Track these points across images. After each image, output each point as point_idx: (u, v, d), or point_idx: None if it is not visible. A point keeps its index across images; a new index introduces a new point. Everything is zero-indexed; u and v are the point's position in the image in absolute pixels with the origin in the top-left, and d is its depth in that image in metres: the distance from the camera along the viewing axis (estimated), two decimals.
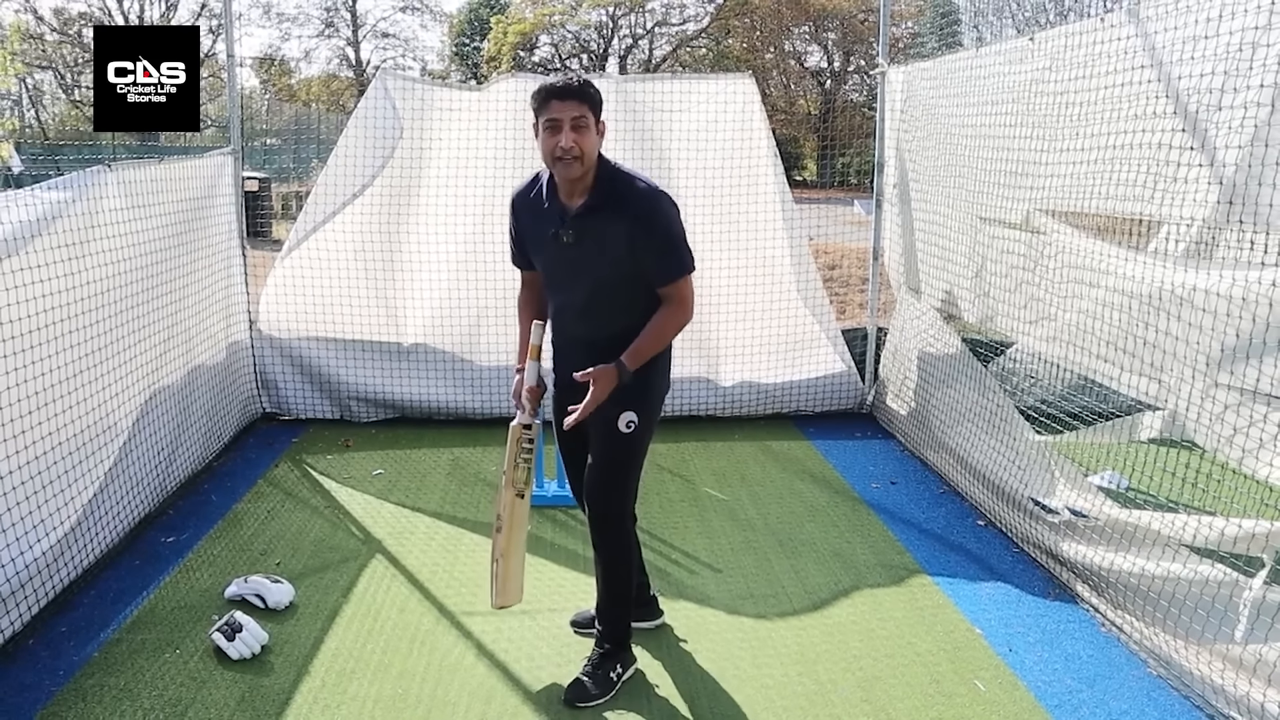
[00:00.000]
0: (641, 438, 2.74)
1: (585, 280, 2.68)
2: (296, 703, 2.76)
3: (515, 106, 5.23)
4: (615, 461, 2.75)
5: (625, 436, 2.70)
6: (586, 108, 2.56)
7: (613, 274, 2.64)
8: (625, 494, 2.80)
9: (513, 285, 5.44)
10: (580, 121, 2.54)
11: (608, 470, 2.76)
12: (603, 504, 2.79)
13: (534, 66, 34.83)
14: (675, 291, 2.64)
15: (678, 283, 2.63)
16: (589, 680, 2.82)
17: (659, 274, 2.63)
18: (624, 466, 2.77)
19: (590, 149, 2.57)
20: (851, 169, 13.09)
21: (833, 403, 5.74)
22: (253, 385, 5.40)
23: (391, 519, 4.14)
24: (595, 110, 2.60)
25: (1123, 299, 3.12)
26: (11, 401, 2.98)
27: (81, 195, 3.44)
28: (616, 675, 2.85)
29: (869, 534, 4.05)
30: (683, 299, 2.65)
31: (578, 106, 2.55)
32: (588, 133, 2.56)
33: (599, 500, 2.79)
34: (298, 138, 10.14)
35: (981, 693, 2.86)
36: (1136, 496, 3.90)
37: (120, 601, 3.34)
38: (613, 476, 2.76)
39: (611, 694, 2.82)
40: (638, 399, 2.68)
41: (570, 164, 2.56)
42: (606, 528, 2.81)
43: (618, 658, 2.88)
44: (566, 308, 2.79)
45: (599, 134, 2.62)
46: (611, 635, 2.88)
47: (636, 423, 2.70)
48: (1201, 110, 2.75)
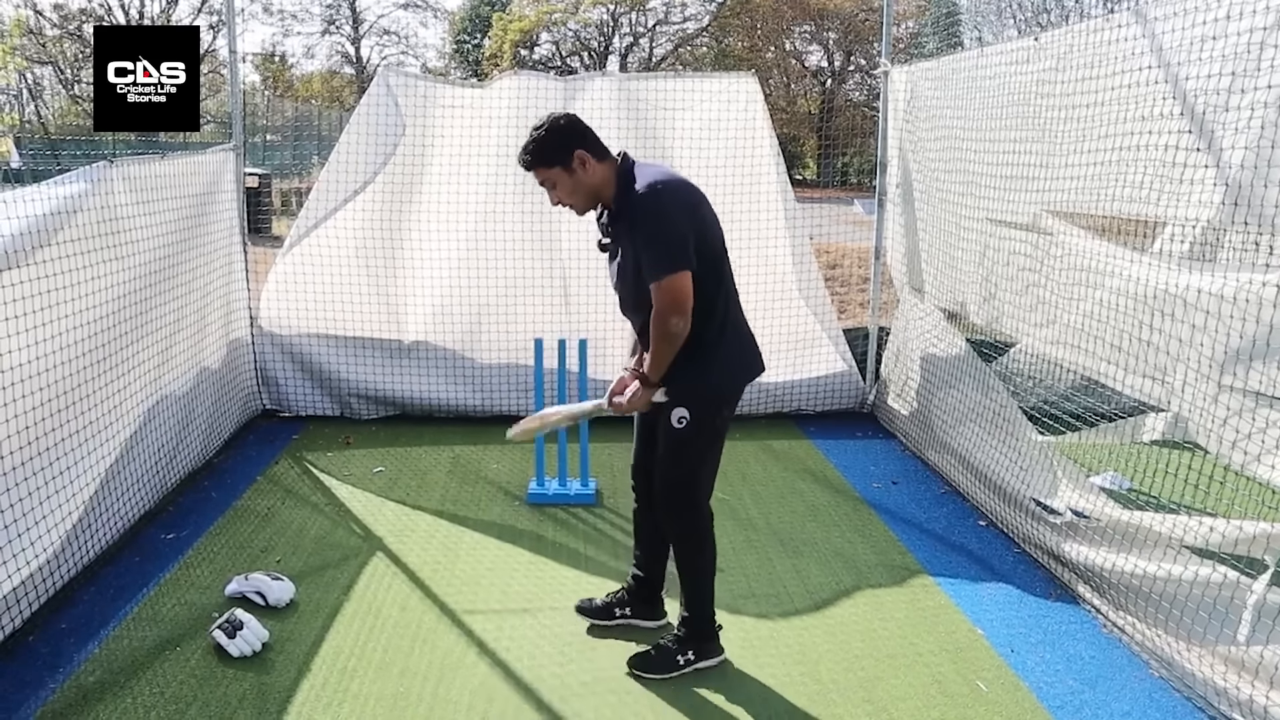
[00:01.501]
0: (696, 435, 2.78)
1: (624, 280, 2.79)
2: (298, 701, 2.76)
3: (518, 104, 5.22)
4: (671, 454, 2.82)
5: (678, 431, 2.76)
6: (544, 169, 2.74)
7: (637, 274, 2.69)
8: (687, 486, 2.85)
9: (512, 283, 5.47)
10: (548, 183, 2.76)
11: (665, 462, 2.84)
12: (664, 493, 2.87)
13: (535, 64, 34.85)
14: (656, 292, 2.62)
15: (657, 283, 2.61)
16: (656, 654, 2.91)
17: (646, 272, 2.65)
18: (679, 459, 2.82)
19: (573, 195, 2.76)
20: (852, 168, 13.08)
21: (834, 402, 5.74)
22: (253, 382, 5.39)
23: (392, 516, 4.13)
24: (556, 163, 2.71)
25: (1129, 301, 3.11)
26: (20, 396, 2.98)
27: (94, 190, 3.45)
28: (686, 660, 2.90)
29: (870, 534, 4.05)
30: (662, 301, 2.61)
31: (539, 173, 2.76)
32: (559, 187, 2.74)
33: (660, 489, 2.88)
34: (298, 134, 10.13)
35: (983, 693, 2.85)
36: (1138, 498, 3.90)
37: (121, 599, 3.34)
38: (670, 469, 2.84)
39: (672, 675, 2.87)
40: (686, 397, 2.75)
41: (573, 209, 2.81)
42: (671, 517, 2.89)
43: (693, 645, 2.92)
44: (623, 304, 2.90)
45: (581, 165, 2.70)
46: (688, 620, 2.94)
47: (688, 418, 2.75)
48: (1209, 111, 2.74)
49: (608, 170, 2.73)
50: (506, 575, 3.59)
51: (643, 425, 3.04)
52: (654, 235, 2.60)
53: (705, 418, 2.77)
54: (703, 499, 2.89)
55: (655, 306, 2.62)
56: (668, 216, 2.62)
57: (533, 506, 4.28)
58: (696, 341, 2.68)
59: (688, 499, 2.85)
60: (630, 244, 2.68)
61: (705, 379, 2.75)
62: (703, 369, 2.73)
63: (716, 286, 2.72)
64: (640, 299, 2.72)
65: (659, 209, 2.61)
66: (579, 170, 2.69)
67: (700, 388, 2.75)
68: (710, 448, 2.84)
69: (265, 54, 37.88)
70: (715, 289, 2.71)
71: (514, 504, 4.32)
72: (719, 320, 2.74)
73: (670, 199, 2.64)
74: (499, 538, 3.94)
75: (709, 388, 2.77)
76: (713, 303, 2.71)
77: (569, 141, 2.69)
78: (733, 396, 2.86)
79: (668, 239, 2.60)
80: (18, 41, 20.78)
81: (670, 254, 2.59)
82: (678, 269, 2.60)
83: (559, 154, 2.68)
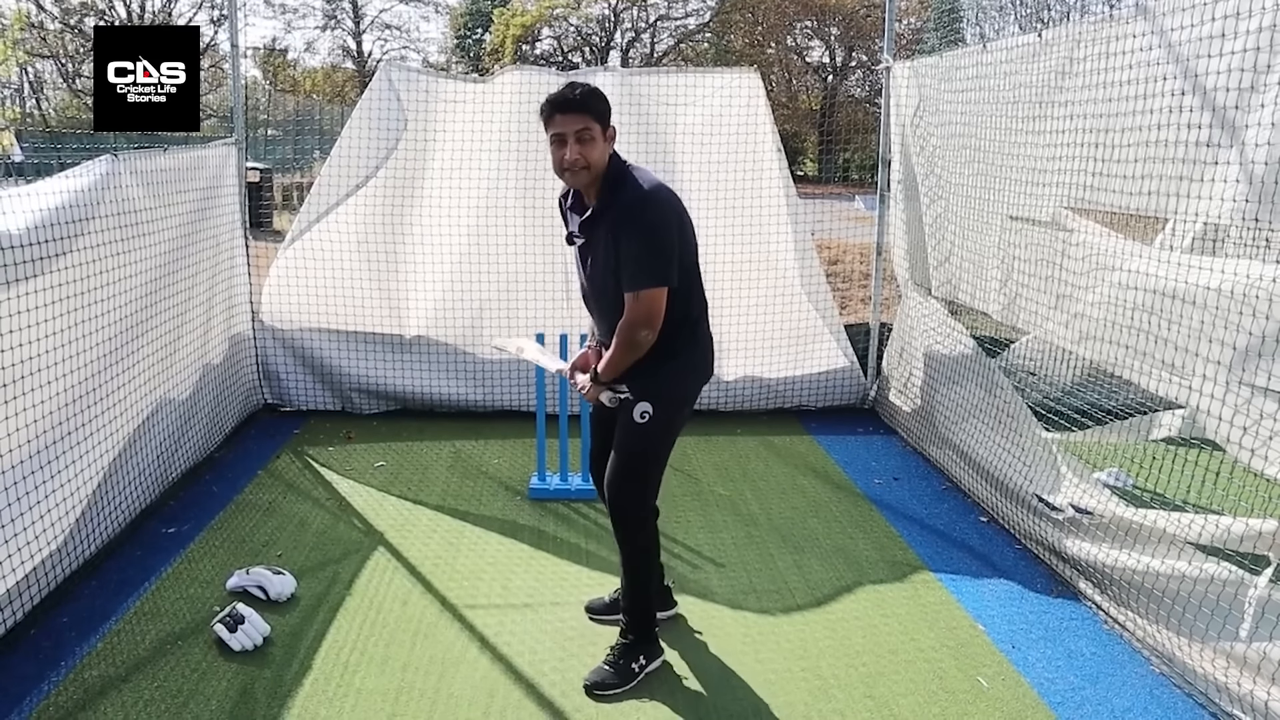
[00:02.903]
0: (656, 432, 2.77)
1: (596, 279, 2.74)
2: (299, 695, 2.76)
3: (520, 98, 5.21)
4: (631, 452, 2.80)
5: (640, 428, 2.74)
6: (590, 118, 2.59)
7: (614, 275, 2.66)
8: (641, 486, 2.84)
9: (514, 278, 5.47)
10: (585, 134, 2.59)
11: (623, 461, 2.81)
12: (618, 494, 2.83)
13: (536, 59, 34.80)
14: (632, 301, 2.59)
15: (636, 294, 2.58)
16: (610, 669, 2.85)
17: (622, 280, 2.62)
18: (638, 458, 2.80)
19: (597, 158, 2.61)
20: (853, 165, 13.06)
21: (835, 398, 5.74)
22: (254, 376, 5.39)
23: (393, 511, 4.13)
24: (601, 119, 2.62)
25: (1149, 296, 3.07)
26: (31, 389, 2.98)
27: (108, 185, 3.48)
28: (639, 666, 2.87)
29: (872, 530, 4.05)
30: (636, 312, 2.58)
31: (581, 119, 2.58)
32: (593, 144, 2.60)
33: (615, 490, 2.83)
34: (299, 129, 10.12)
35: (984, 689, 2.85)
36: (1141, 494, 3.90)
37: (122, 593, 3.34)
38: (627, 467, 2.81)
39: (631, 685, 2.84)
40: (652, 393, 2.73)
41: (577, 174, 2.63)
42: (622, 518, 2.85)
43: (640, 649, 2.90)
44: (589, 301, 2.88)
45: (608, 140, 2.64)
46: (633, 626, 2.91)
47: (651, 414, 2.73)
48: (1226, 106, 2.70)
49: (610, 157, 2.70)
50: (507, 570, 3.60)
51: (597, 427, 3.06)
52: (642, 246, 2.57)
53: (667, 417, 2.78)
54: (651, 496, 2.89)
55: (627, 316, 2.61)
56: (658, 229, 2.60)
57: (534, 501, 4.28)
58: (668, 346, 2.68)
59: (638, 495, 2.84)
60: (609, 246, 2.63)
61: (672, 380, 2.77)
62: (672, 371, 2.75)
63: (690, 296, 2.74)
64: (605, 301, 2.72)
65: (650, 220, 2.59)
66: (608, 140, 2.65)
67: (667, 388, 2.76)
68: (666, 446, 2.85)
69: (267, 48, 37.84)
70: (689, 298, 2.74)
71: (515, 499, 4.32)
72: (690, 327, 2.76)
73: (662, 211, 2.62)
74: (500, 533, 3.94)
75: (675, 388, 2.79)
76: (686, 311, 2.73)
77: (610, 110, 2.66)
78: (693, 397, 2.89)
79: (655, 252, 2.58)
80: (19, 35, 20.77)
81: (655, 267, 2.58)
82: (658, 283, 2.59)
83: (607, 113, 2.63)
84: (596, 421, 3.06)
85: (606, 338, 2.79)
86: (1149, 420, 4.19)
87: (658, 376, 2.72)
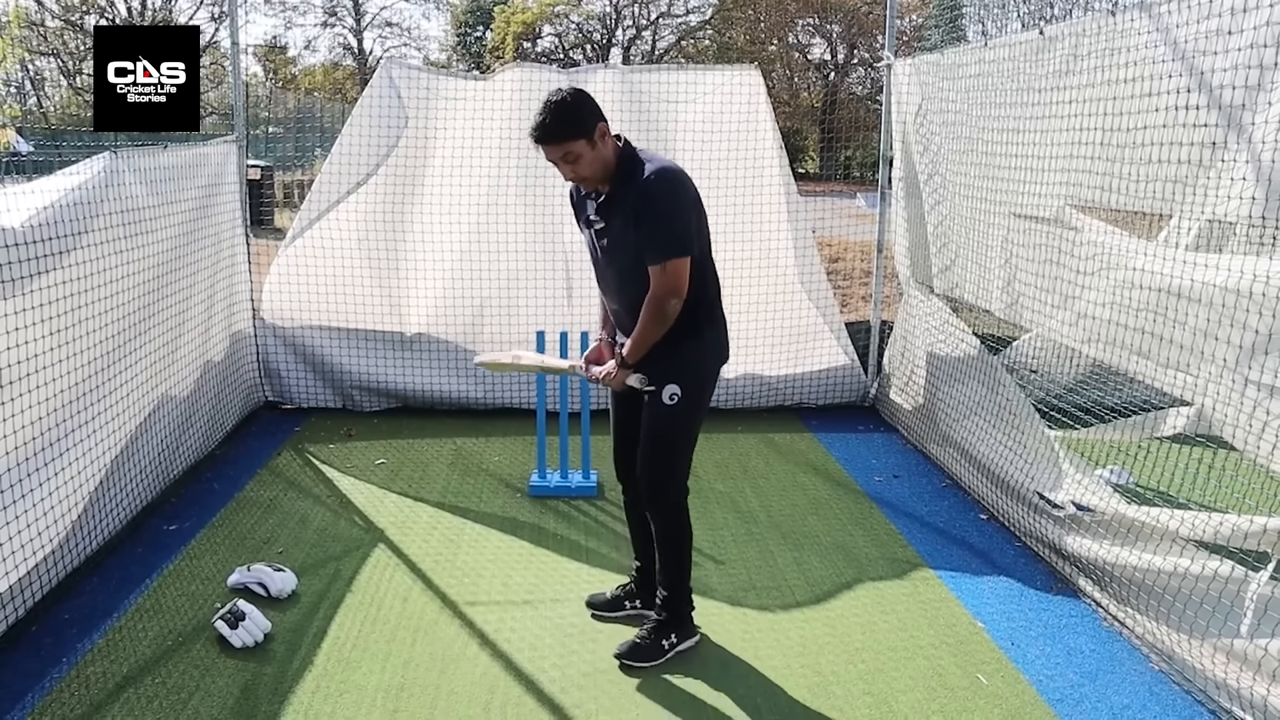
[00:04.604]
0: (686, 413, 2.83)
1: (615, 261, 2.80)
2: (300, 691, 2.77)
3: (520, 96, 5.21)
4: (661, 435, 2.85)
5: (669, 409, 2.80)
6: (566, 143, 2.64)
7: (634, 254, 2.71)
8: (674, 469, 2.90)
9: (515, 275, 5.47)
10: (569, 155, 2.67)
11: (656, 445, 2.86)
12: (651, 478, 2.89)
13: (537, 57, 34.77)
14: (656, 274, 2.67)
15: (661, 265, 2.65)
16: (642, 643, 2.92)
17: (646, 254, 2.68)
18: (669, 441, 2.86)
19: (594, 166, 2.70)
20: (854, 162, 13.04)
21: (836, 396, 5.74)
22: (255, 374, 5.39)
23: (394, 509, 4.14)
24: (579, 135, 2.65)
25: (1156, 294, 3.06)
26: (36, 386, 2.99)
27: (110, 182, 3.48)
28: (669, 644, 2.94)
29: (871, 527, 4.05)
30: (660, 284, 2.67)
31: (557, 148, 2.66)
32: (582, 159, 2.68)
33: (651, 474, 2.89)
34: (300, 126, 10.10)
35: (984, 686, 2.86)
36: (1143, 491, 3.89)
37: (124, 589, 3.35)
38: (661, 450, 2.86)
39: (661, 661, 2.91)
40: (679, 374, 2.79)
41: (584, 183, 2.78)
42: (658, 502, 2.91)
43: (673, 628, 2.96)
44: (605, 285, 2.93)
45: (601, 139, 2.69)
46: (668, 605, 2.96)
47: (680, 395, 2.78)
48: (1233, 104, 2.69)
49: (615, 149, 2.75)
50: (508, 567, 3.60)
51: (619, 418, 3.08)
52: (664, 219, 2.65)
53: (694, 396, 2.83)
54: (684, 477, 2.95)
55: (654, 288, 2.67)
56: (677, 202, 2.69)
57: (534, 499, 4.29)
58: (690, 323, 2.75)
59: (672, 478, 2.90)
60: (628, 226, 2.70)
61: (696, 358, 2.83)
62: (696, 348, 2.81)
63: (705, 276, 2.81)
64: (626, 281, 2.78)
65: (671, 194, 2.68)
66: (599, 143, 2.68)
67: (691, 366, 2.82)
68: (696, 426, 2.91)
69: (267, 46, 37.81)
70: (705, 278, 2.80)
71: (515, 496, 4.32)
72: (709, 304, 2.83)
73: (679, 187, 2.71)
74: (500, 530, 3.95)
75: (699, 367, 2.85)
76: (704, 290, 2.80)
77: (593, 112, 2.68)
78: (716, 375, 2.94)
79: (677, 224, 2.67)
80: (19, 33, 20.75)
81: (677, 238, 2.67)
82: (683, 254, 2.67)
83: (584, 126, 2.65)
84: (619, 414, 3.08)
85: (627, 319, 2.83)
86: (1153, 417, 4.18)
87: (680, 355, 2.77)
